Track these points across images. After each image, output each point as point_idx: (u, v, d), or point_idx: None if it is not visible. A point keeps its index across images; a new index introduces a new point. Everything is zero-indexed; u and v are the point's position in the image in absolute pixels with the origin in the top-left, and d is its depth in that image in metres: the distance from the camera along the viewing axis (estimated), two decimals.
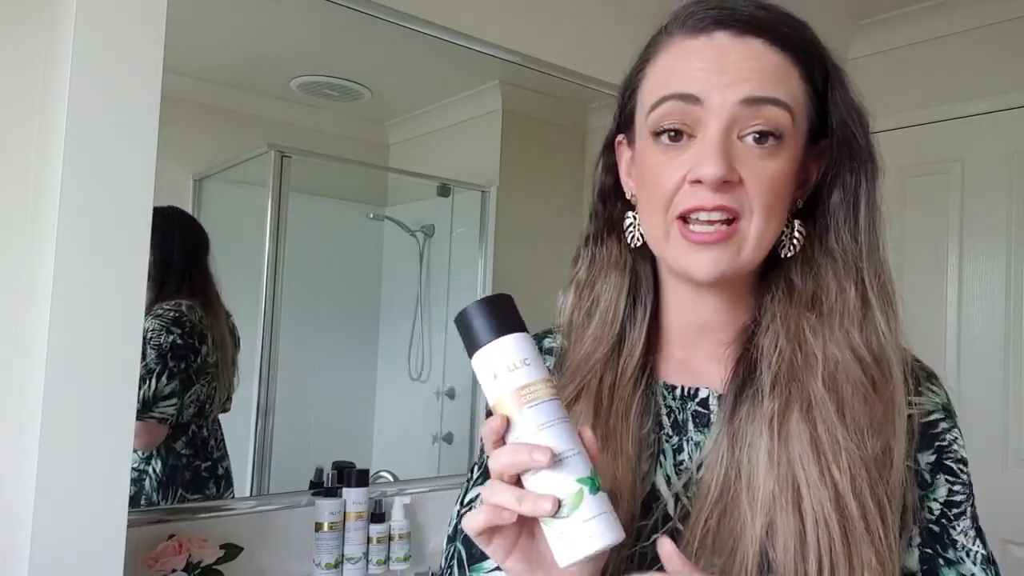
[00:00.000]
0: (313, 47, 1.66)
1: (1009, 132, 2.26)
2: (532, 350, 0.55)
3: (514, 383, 0.53)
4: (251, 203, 1.61)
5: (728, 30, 0.61)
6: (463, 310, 0.56)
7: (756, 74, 0.60)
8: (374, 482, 1.64)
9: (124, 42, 1.12)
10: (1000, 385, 2.23)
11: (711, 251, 0.60)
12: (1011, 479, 2.20)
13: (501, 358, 0.54)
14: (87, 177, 1.09)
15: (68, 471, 1.06)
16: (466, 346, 0.56)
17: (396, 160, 1.84)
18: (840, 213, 0.64)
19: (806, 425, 0.59)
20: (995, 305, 2.26)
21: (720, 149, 0.59)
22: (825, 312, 0.63)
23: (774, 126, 0.60)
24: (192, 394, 1.45)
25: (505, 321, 0.55)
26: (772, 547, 0.57)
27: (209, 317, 1.49)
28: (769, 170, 0.60)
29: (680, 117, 0.61)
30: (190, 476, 1.44)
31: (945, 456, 0.64)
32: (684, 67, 0.62)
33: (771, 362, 0.63)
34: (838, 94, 0.64)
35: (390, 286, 1.87)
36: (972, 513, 0.64)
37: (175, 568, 1.27)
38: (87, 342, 1.08)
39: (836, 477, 0.57)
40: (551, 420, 0.53)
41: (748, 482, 0.59)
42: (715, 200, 0.59)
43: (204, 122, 1.53)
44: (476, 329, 0.55)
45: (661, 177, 0.62)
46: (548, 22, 1.82)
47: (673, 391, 0.68)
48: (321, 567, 1.46)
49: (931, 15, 2.41)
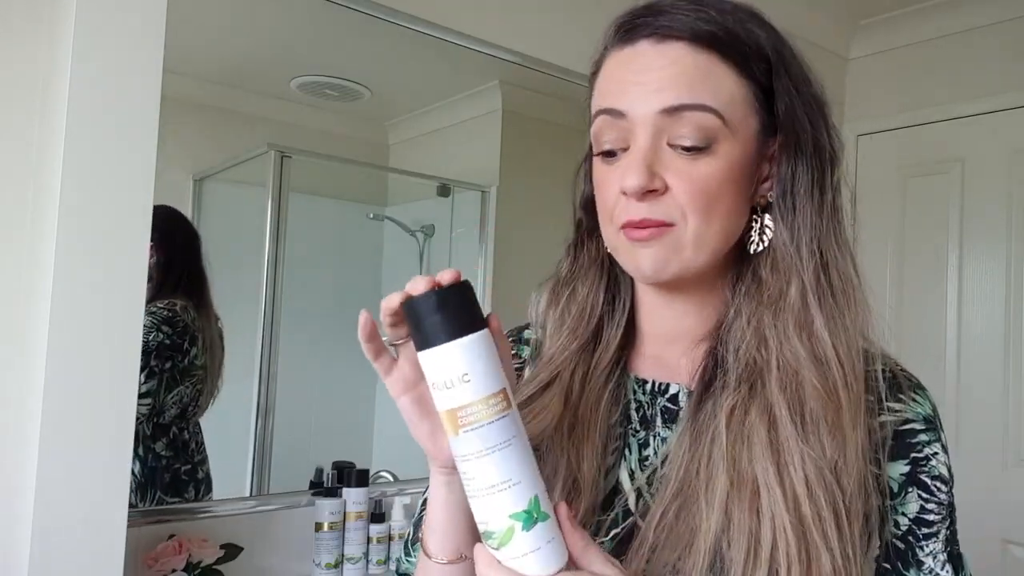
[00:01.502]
0: (313, 47, 1.66)
1: (1009, 132, 2.26)
2: (483, 356, 0.49)
3: (450, 402, 0.49)
4: (251, 203, 1.61)
5: (649, 38, 0.61)
6: (409, 300, 0.50)
7: (676, 80, 0.59)
8: (374, 482, 1.64)
9: (124, 42, 1.13)
10: (1000, 385, 2.23)
11: (649, 248, 0.61)
12: (1011, 479, 2.20)
13: (439, 371, 0.49)
14: (87, 177, 1.09)
15: (68, 471, 1.06)
16: (413, 341, 0.51)
17: (396, 160, 1.84)
18: (800, 204, 0.62)
19: (764, 425, 0.58)
20: (995, 305, 2.26)
21: (641, 160, 0.59)
22: (783, 308, 0.61)
23: (700, 132, 0.59)
24: (175, 395, 1.42)
25: (453, 322, 0.49)
26: (727, 545, 0.56)
27: (202, 319, 1.47)
28: (698, 173, 0.59)
29: (612, 132, 0.62)
30: (169, 478, 1.41)
31: (920, 470, 0.61)
32: (613, 80, 0.63)
33: (736, 359, 0.62)
34: (780, 83, 0.62)
35: (390, 286, 1.84)
36: (947, 536, 0.61)
37: (175, 568, 1.27)
38: (87, 342, 1.08)
39: (792, 478, 0.56)
40: (492, 446, 0.48)
41: (708, 478, 0.58)
42: (641, 213, 0.60)
43: (204, 122, 1.53)
44: (420, 327, 0.50)
45: (603, 191, 0.63)
46: (548, 22, 1.82)
47: (644, 385, 0.68)
48: (321, 567, 1.47)
49: (931, 15, 2.41)
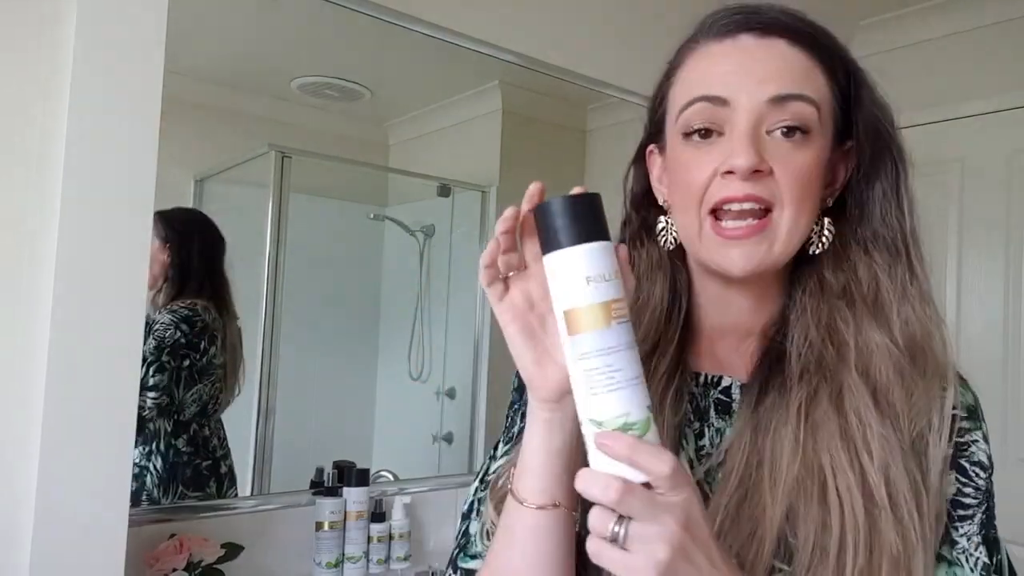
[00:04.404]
0: (313, 47, 1.66)
1: (1009, 132, 2.25)
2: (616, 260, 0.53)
3: (607, 294, 0.51)
4: (252, 203, 1.61)
5: (752, 32, 0.63)
6: (563, 200, 0.52)
7: (782, 73, 0.62)
8: (374, 482, 1.65)
9: (125, 42, 1.13)
10: (1000, 385, 2.23)
11: (743, 246, 0.62)
12: (1011, 479, 2.19)
13: (596, 264, 0.51)
14: (87, 177, 1.09)
15: (69, 470, 1.07)
16: (547, 239, 0.53)
17: (396, 160, 1.84)
18: (885, 201, 0.65)
19: (835, 413, 0.60)
20: (994, 305, 2.26)
21: (750, 140, 0.60)
22: (859, 301, 0.64)
23: (801, 120, 0.61)
24: (194, 393, 1.46)
25: (601, 226, 0.53)
26: (792, 532, 0.58)
27: (223, 319, 1.52)
28: (798, 161, 0.61)
29: (709, 117, 0.63)
30: (191, 473, 1.45)
31: (960, 454, 0.64)
32: (711, 70, 0.64)
33: (801, 353, 0.64)
34: (864, 92, 0.66)
35: (390, 286, 1.87)
36: (982, 520, 0.63)
37: (176, 567, 1.27)
38: (88, 342, 1.09)
39: (865, 462, 0.58)
40: (632, 340, 0.51)
41: (771, 469, 0.60)
42: (746, 189, 0.60)
43: (205, 122, 1.53)
44: (569, 225, 0.52)
45: (693, 172, 0.63)
46: (548, 22, 1.82)
47: (696, 378, 0.69)
48: (322, 566, 1.47)
49: (931, 15, 2.41)
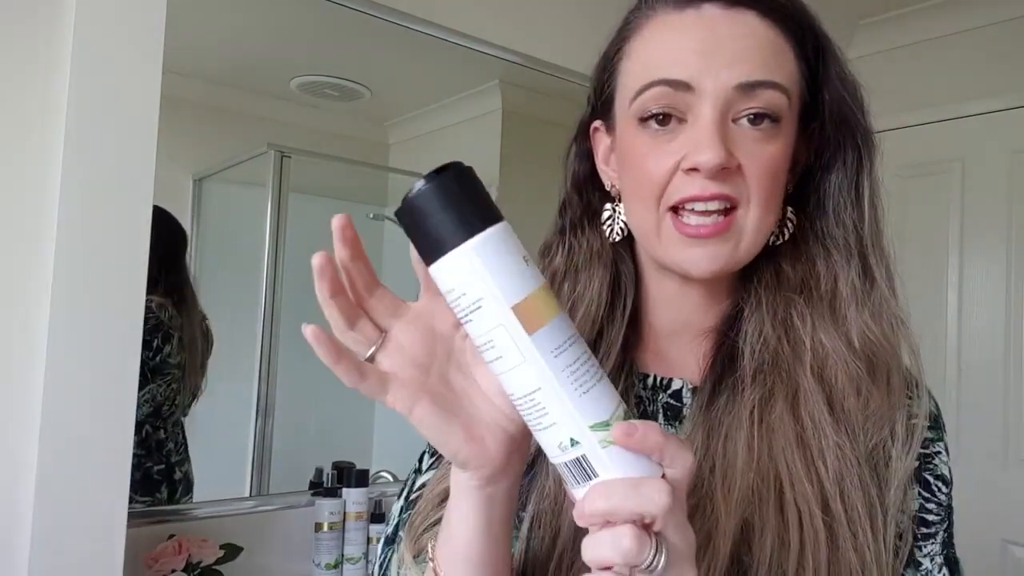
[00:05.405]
0: (313, 47, 1.66)
1: (1009, 132, 2.25)
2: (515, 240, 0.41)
3: (534, 283, 0.41)
4: (251, 203, 1.61)
5: (718, 1, 0.55)
6: (424, 190, 0.40)
7: (751, 53, 0.54)
8: (374, 482, 1.64)
9: (124, 42, 1.12)
10: (1000, 385, 2.22)
11: (707, 245, 0.55)
12: (1011, 479, 2.20)
13: (518, 242, 0.41)
14: (87, 177, 1.09)
15: (68, 471, 1.06)
16: (443, 236, 0.41)
17: (396, 160, 1.83)
18: (840, 196, 0.59)
19: (791, 416, 0.55)
20: (995, 305, 2.26)
21: (717, 133, 0.53)
22: (816, 299, 0.58)
23: (772, 108, 0.54)
24: (146, 392, 1.39)
25: (488, 200, 0.41)
26: (748, 545, 0.53)
27: (181, 316, 1.45)
28: (767, 155, 0.55)
29: (669, 102, 0.55)
30: (139, 477, 1.36)
31: (925, 467, 0.58)
32: (671, 47, 0.56)
33: (755, 351, 0.58)
34: (832, 68, 0.59)
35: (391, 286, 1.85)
36: (944, 540, 0.58)
37: (175, 568, 1.26)
38: (87, 342, 1.08)
39: (822, 472, 0.53)
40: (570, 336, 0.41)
41: (723, 476, 0.54)
42: (711, 189, 0.53)
43: (204, 122, 1.52)
44: (471, 206, 0.39)
45: (650, 164, 0.56)
46: (548, 22, 1.82)
47: (644, 380, 0.63)
48: (321, 567, 1.46)
49: (931, 15, 2.40)
